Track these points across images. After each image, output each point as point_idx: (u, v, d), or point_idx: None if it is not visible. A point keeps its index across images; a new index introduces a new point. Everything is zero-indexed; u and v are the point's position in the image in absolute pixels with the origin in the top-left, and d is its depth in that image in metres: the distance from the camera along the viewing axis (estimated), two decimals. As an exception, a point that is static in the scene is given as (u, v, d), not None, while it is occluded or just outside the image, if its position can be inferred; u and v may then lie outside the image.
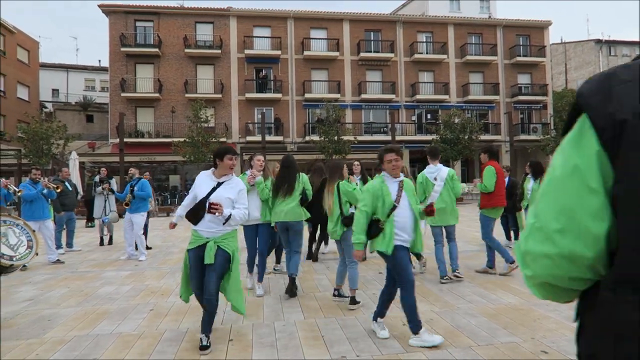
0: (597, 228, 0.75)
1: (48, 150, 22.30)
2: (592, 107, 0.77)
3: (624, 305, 0.72)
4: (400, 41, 31.50)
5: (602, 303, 0.76)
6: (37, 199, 7.79)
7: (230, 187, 3.90)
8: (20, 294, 5.85)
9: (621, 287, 0.72)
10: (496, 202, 6.27)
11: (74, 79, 42.88)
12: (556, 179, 0.81)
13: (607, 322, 0.76)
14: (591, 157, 0.76)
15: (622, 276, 0.72)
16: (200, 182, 3.96)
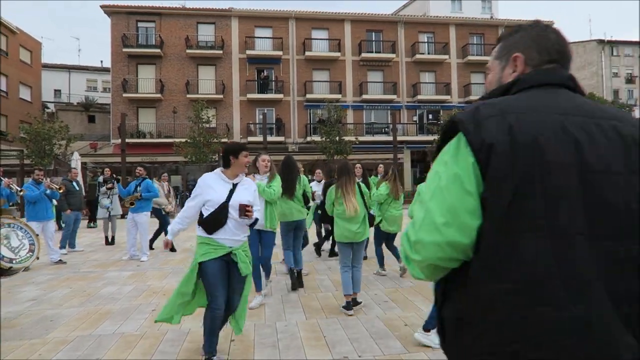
0: (473, 223, 0.98)
1: (50, 151, 22.34)
2: (470, 132, 1.01)
3: (490, 281, 0.95)
4: (401, 41, 31.50)
5: (472, 279, 0.98)
6: (40, 200, 7.81)
7: (245, 189, 3.54)
8: (23, 294, 5.87)
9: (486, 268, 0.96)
10: None
11: (76, 79, 42.97)
12: (442, 184, 1.02)
13: (476, 294, 0.98)
14: (468, 167, 0.99)
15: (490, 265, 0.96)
16: (210, 184, 3.44)
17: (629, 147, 1.00)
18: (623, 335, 0.91)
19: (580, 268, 0.91)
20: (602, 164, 0.97)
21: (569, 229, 0.93)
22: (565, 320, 0.89)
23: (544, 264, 0.91)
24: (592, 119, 1.02)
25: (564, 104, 1.05)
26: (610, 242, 0.94)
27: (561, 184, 0.94)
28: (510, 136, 0.97)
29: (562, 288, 0.90)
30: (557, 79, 1.13)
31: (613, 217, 0.95)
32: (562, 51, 1.19)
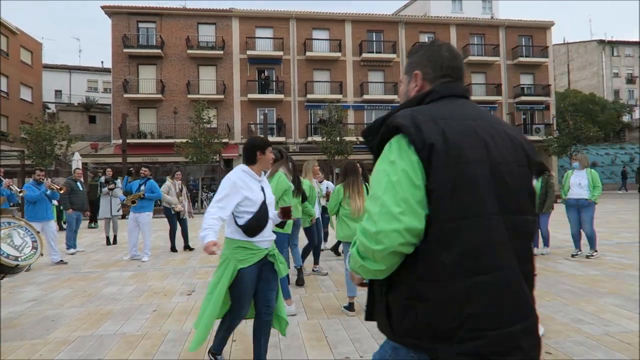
0: (422, 211, 1.17)
1: (51, 152, 22.35)
2: (412, 134, 1.19)
3: (444, 259, 1.16)
4: (402, 42, 31.50)
5: (423, 259, 1.18)
6: (41, 200, 7.81)
7: (267, 187, 3.34)
8: (24, 294, 5.87)
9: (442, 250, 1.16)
10: None
11: (77, 80, 43.03)
12: (393, 179, 1.18)
13: (427, 271, 1.17)
14: (413, 164, 1.18)
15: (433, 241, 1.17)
16: (246, 182, 3.12)
17: (514, 145, 1.32)
18: (529, 292, 1.26)
19: (499, 242, 1.19)
20: (502, 159, 1.26)
21: (490, 209, 1.19)
22: (497, 283, 1.17)
23: (478, 240, 1.17)
24: (490, 123, 1.32)
25: (471, 112, 1.32)
26: (514, 216, 1.24)
27: (480, 176, 1.20)
28: (444, 138, 1.19)
29: (490, 258, 1.18)
30: (459, 91, 1.41)
31: (513, 198, 1.25)
32: (453, 67, 1.44)
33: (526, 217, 1.28)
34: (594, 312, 4.45)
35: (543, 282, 5.74)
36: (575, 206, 7.33)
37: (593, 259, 7.16)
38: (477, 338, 1.15)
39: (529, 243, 1.30)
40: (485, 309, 1.16)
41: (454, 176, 1.17)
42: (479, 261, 1.17)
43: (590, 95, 41.70)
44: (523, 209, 1.27)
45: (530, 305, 1.24)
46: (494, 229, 1.20)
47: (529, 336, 1.21)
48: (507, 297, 1.19)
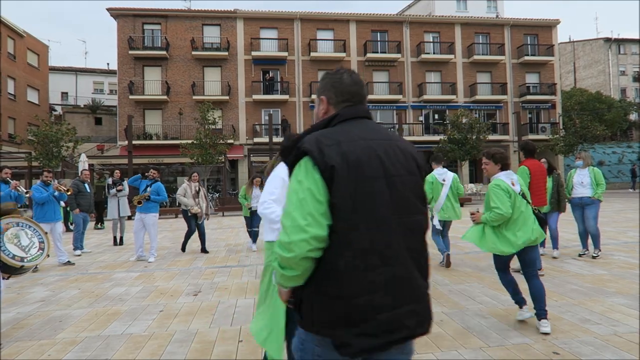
0: (324, 222, 1.40)
1: (58, 153, 22.48)
2: (316, 157, 1.42)
3: (338, 261, 1.40)
4: (407, 41, 31.45)
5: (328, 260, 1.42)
6: (49, 201, 7.87)
7: None
8: (32, 294, 5.91)
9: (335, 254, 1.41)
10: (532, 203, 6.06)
11: (83, 82, 43.28)
12: (300, 197, 1.41)
13: (330, 269, 1.42)
14: (317, 182, 1.41)
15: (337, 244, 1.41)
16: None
17: (406, 157, 1.57)
18: (419, 280, 1.52)
19: (391, 242, 1.45)
20: (395, 171, 1.52)
21: (384, 216, 1.45)
22: (385, 277, 1.43)
23: (370, 243, 1.42)
24: (386, 141, 1.55)
25: (370, 132, 1.55)
26: (406, 218, 1.50)
27: (376, 189, 1.45)
28: (344, 159, 1.42)
29: (381, 257, 1.43)
30: (361, 113, 1.63)
31: (405, 203, 1.51)
32: (353, 92, 1.65)
33: (417, 217, 1.55)
34: (602, 312, 4.42)
35: (550, 281, 5.70)
36: (579, 205, 7.28)
37: (600, 258, 7.11)
38: (368, 321, 1.41)
39: (422, 238, 1.57)
40: (374, 299, 1.42)
41: (352, 192, 1.42)
42: (368, 261, 1.42)
43: (596, 93, 41.43)
44: (413, 211, 1.55)
45: (420, 292, 1.52)
46: (387, 232, 1.46)
47: (415, 316, 1.48)
48: (393, 287, 1.45)
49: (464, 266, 6.92)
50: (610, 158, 37.56)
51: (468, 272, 6.47)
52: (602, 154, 37.60)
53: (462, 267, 6.84)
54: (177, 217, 19.19)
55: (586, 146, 27.80)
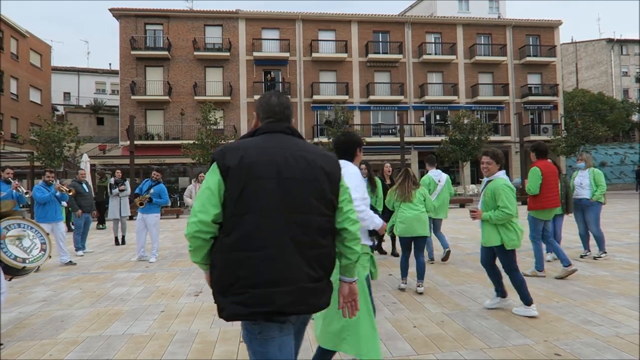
0: (212, 210, 1.77)
1: (60, 153, 22.51)
2: (218, 161, 1.80)
3: (226, 240, 1.76)
4: (408, 42, 31.46)
5: (217, 242, 1.80)
6: (50, 201, 7.88)
7: None
8: (34, 294, 5.92)
9: (225, 236, 1.76)
10: (545, 204, 5.90)
11: (85, 82, 43.37)
12: (202, 190, 1.80)
13: (218, 249, 1.78)
14: (215, 181, 1.79)
15: (225, 231, 1.77)
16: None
17: (310, 166, 1.86)
18: (302, 267, 1.77)
19: (274, 229, 1.76)
20: (291, 175, 1.81)
21: (269, 209, 1.76)
22: (262, 258, 1.74)
23: (251, 229, 1.74)
24: (288, 151, 1.86)
25: (277, 143, 1.88)
26: (295, 214, 1.79)
27: (265, 187, 1.77)
28: (240, 162, 1.78)
29: (260, 242, 1.74)
30: (278, 128, 1.96)
31: (299, 203, 1.80)
32: (276, 111, 2.00)
33: (310, 216, 1.82)
34: (604, 313, 4.41)
35: (552, 283, 5.70)
36: (579, 207, 7.24)
37: (602, 259, 7.10)
38: (243, 293, 1.73)
39: (314, 234, 1.82)
40: (249, 275, 1.73)
41: (242, 187, 1.76)
42: (250, 242, 1.74)
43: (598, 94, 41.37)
44: (306, 210, 1.81)
45: (295, 276, 1.76)
46: (270, 224, 1.76)
47: (285, 296, 1.74)
48: (268, 269, 1.74)
49: (465, 267, 6.92)
50: (613, 159, 37.50)
51: (469, 273, 6.46)
52: (605, 155, 37.54)
53: (463, 268, 6.83)
54: (178, 217, 19.20)
55: (588, 147, 27.75)
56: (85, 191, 9.56)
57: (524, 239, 9.17)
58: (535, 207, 5.97)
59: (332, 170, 1.91)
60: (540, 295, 5.16)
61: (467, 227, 12.03)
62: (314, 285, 1.81)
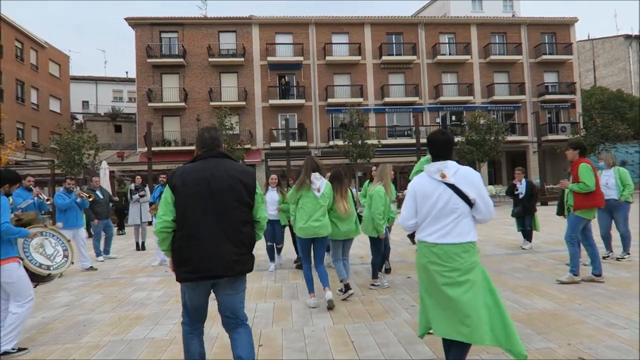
0: (170, 214, 2.77)
1: (80, 161, 22.95)
2: (169, 181, 2.81)
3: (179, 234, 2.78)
4: (422, 43, 31.31)
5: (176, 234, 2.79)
6: (71, 208, 8.03)
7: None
8: (57, 299, 6.03)
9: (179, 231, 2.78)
10: (595, 202, 5.59)
11: (103, 90, 44.14)
12: (162, 200, 2.80)
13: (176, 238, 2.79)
14: (169, 195, 2.78)
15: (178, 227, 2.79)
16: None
17: (231, 179, 2.80)
18: (230, 247, 2.75)
19: (209, 224, 2.73)
20: (218, 187, 2.76)
21: (205, 211, 2.72)
22: (203, 244, 2.70)
23: (194, 224, 2.70)
24: (216, 170, 2.79)
25: (208, 166, 2.81)
26: (223, 213, 2.76)
27: (201, 197, 2.73)
28: (181, 181, 2.73)
29: (198, 232, 2.70)
30: (211, 155, 2.88)
31: (224, 206, 2.76)
32: (208, 143, 2.93)
33: (234, 213, 2.79)
34: (628, 315, 4.32)
35: (574, 284, 5.60)
36: (606, 207, 6.87)
37: (625, 260, 6.95)
38: (192, 265, 2.70)
39: (237, 225, 2.80)
40: (193, 254, 2.70)
41: (183, 198, 2.73)
42: (195, 235, 2.71)
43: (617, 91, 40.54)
44: (232, 210, 2.79)
45: (225, 253, 2.73)
46: (203, 220, 2.72)
47: (220, 265, 2.71)
48: (204, 249, 2.70)
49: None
50: (634, 157, 36.68)
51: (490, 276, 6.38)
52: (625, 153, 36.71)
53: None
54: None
55: (608, 146, 27.14)
56: (100, 198, 9.62)
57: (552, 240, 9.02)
58: (586, 205, 5.58)
59: (249, 182, 2.88)
60: (562, 297, 5.07)
61: (484, 229, 11.88)
62: (239, 258, 2.80)
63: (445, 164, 2.94)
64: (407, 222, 3.09)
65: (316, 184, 5.07)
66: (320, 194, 5.06)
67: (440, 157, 2.99)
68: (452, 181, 2.89)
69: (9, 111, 24.92)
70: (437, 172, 2.94)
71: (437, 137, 3.07)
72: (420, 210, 2.99)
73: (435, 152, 3.05)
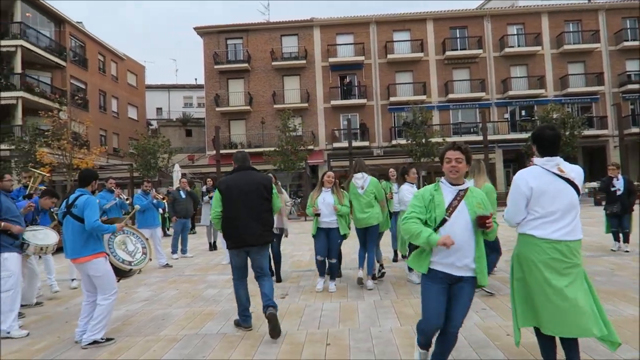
0: (220, 207, 4.55)
1: (155, 164, 24.43)
2: (218, 187, 4.61)
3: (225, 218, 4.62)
4: (488, 36, 30.08)
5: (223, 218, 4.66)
6: (149, 209, 8.58)
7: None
8: (138, 294, 6.46)
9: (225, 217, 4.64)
10: None
11: (174, 97, 46.56)
12: (214, 198, 4.62)
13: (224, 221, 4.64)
14: (219, 196, 4.53)
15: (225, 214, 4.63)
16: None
17: (257, 185, 4.53)
18: (257, 226, 4.46)
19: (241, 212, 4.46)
20: (249, 190, 4.49)
21: (240, 206, 4.45)
22: (238, 224, 4.45)
23: (234, 213, 4.46)
24: (248, 179, 4.54)
25: (242, 177, 4.55)
26: (250, 205, 4.48)
27: (237, 198, 4.46)
28: (226, 188, 4.49)
29: (236, 218, 4.45)
30: (242, 168, 4.62)
31: (253, 201, 4.50)
32: (241, 160, 4.67)
33: (258, 205, 4.48)
34: None
35: None
36: None
37: None
38: (232, 238, 4.48)
39: (260, 212, 4.49)
40: (233, 231, 4.46)
41: (228, 199, 4.45)
42: (234, 218, 4.44)
43: None
44: (257, 204, 4.48)
45: (253, 230, 4.41)
46: (239, 210, 4.42)
47: (251, 238, 4.41)
48: (240, 227, 4.41)
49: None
50: None
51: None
52: None
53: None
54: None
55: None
56: (182, 197, 10.18)
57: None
58: None
59: (267, 185, 4.56)
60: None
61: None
62: (262, 233, 4.46)
63: (558, 160, 2.94)
64: (517, 219, 3.02)
65: (359, 182, 6.09)
66: (363, 191, 6.00)
67: (548, 153, 2.97)
68: (573, 176, 2.90)
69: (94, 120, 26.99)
70: (555, 166, 2.93)
71: (547, 132, 3.02)
72: (541, 206, 2.92)
73: (544, 148, 3.01)
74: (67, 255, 4.39)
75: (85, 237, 4.29)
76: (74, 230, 4.30)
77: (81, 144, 23.89)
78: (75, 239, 4.29)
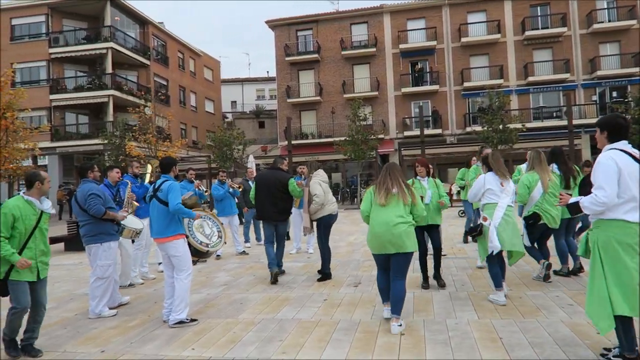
0: (254, 193, 6.89)
1: (230, 155, 25.49)
2: (255, 179, 7.36)
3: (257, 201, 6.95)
4: (574, 12, 27.78)
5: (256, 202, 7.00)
6: (226, 197, 8.99)
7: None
8: (218, 279, 6.81)
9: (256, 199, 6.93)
10: None
11: (248, 90, 48.07)
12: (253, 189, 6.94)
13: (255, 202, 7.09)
14: (254, 186, 6.89)
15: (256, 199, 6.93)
16: None
17: (279, 180, 6.52)
18: (275, 208, 6.49)
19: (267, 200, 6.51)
20: (272, 183, 6.51)
21: (265, 193, 6.52)
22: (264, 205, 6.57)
23: (262, 198, 6.55)
24: (272, 175, 6.63)
25: (269, 173, 6.83)
26: (272, 194, 6.48)
27: (263, 188, 6.55)
28: (259, 179, 6.83)
29: (263, 203, 6.55)
30: (274, 167, 6.77)
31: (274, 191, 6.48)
32: (274, 162, 6.89)
33: (278, 194, 6.46)
34: None
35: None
36: None
37: None
38: (262, 214, 6.62)
39: (280, 199, 6.47)
40: (262, 210, 6.57)
41: (258, 187, 6.60)
42: (261, 201, 6.55)
43: None
44: (277, 195, 6.45)
45: (274, 210, 6.46)
46: (265, 198, 6.49)
47: (273, 214, 6.48)
48: (265, 208, 6.52)
49: None
50: None
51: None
52: None
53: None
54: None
55: None
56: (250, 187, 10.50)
57: None
58: None
59: (283, 180, 6.44)
60: None
61: None
62: (275, 213, 6.46)
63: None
64: (614, 200, 2.98)
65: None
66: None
67: (617, 141, 3.13)
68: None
69: (174, 114, 28.65)
70: (631, 149, 3.07)
71: (619, 121, 3.20)
72: (628, 187, 2.97)
73: (619, 135, 3.15)
74: (152, 234, 4.84)
75: (169, 220, 4.63)
76: (159, 212, 4.65)
77: (164, 137, 25.45)
78: (160, 221, 4.65)
